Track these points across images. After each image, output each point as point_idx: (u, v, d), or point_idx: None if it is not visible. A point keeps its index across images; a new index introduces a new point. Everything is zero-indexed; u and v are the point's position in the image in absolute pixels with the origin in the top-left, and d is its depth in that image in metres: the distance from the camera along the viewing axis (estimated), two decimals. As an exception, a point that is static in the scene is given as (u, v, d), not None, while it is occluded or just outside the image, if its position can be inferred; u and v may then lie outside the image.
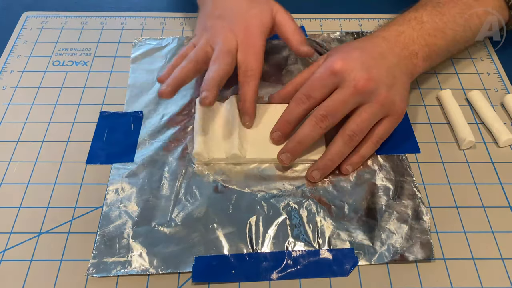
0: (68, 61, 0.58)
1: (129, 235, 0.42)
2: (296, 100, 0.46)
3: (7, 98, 0.53)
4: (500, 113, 0.53)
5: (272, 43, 0.59)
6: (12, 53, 0.58)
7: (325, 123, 0.44)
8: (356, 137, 0.45)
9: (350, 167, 0.47)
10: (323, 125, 0.45)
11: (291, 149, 0.46)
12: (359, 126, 0.45)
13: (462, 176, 0.48)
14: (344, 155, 0.46)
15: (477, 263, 0.42)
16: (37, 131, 0.50)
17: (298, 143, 0.45)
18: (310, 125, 0.45)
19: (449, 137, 0.51)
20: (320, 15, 0.64)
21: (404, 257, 0.41)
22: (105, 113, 0.52)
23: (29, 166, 0.47)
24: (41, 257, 0.42)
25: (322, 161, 0.46)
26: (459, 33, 0.52)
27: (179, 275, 0.41)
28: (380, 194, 0.46)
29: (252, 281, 0.40)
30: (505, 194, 0.47)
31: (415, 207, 0.45)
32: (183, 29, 0.62)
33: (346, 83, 0.44)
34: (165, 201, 0.45)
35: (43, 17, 0.63)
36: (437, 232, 0.44)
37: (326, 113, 0.44)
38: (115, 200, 0.45)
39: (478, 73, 0.58)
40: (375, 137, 0.46)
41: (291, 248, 0.42)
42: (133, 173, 0.47)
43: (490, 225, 0.44)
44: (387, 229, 0.43)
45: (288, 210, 0.44)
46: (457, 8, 0.52)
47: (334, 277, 0.41)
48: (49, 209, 0.44)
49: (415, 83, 0.56)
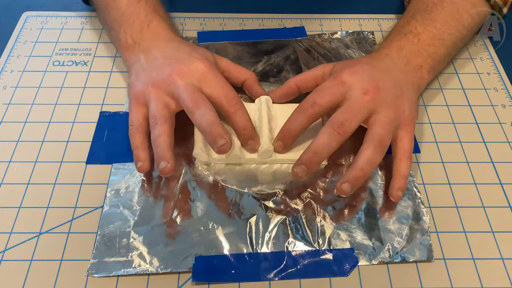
0: (68, 61, 0.58)
1: (129, 235, 0.42)
2: (299, 108, 0.45)
3: (7, 98, 0.53)
4: (502, 113, 0.53)
5: (272, 43, 0.59)
6: (12, 53, 0.58)
7: (343, 129, 0.42)
8: (384, 142, 0.43)
9: (400, 191, 0.44)
10: (342, 132, 0.42)
11: (308, 161, 0.42)
12: (383, 129, 0.43)
13: (462, 176, 0.48)
14: (376, 163, 0.43)
15: (477, 263, 0.42)
16: (37, 131, 0.50)
17: (314, 153, 0.42)
18: (327, 133, 0.42)
19: (449, 137, 0.51)
20: (320, 15, 0.64)
21: (404, 258, 0.41)
22: (105, 113, 0.52)
23: (29, 166, 0.47)
24: (41, 257, 0.42)
25: (353, 172, 0.42)
26: (456, 35, 0.52)
27: (179, 275, 0.41)
28: (380, 194, 0.46)
29: (252, 281, 0.40)
30: (505, 194, 0.47)
31: (415, 207, 0.45)
32: (183, 29, 0.62)
33: (355, 92, 0.44)
34: (165, 201, 0.45)
35: (43, 17, 0.63)
36: (437, 232, 0.44)
37: (343, 119, 0.42)
38: (115, 200, 0.45)
39: (478, 73, 0.58)
40: (405, 152, 0.44)
41: (291, 248, 0.42)
42: (133, 173, 0.47)
43: (490, 225, 0.44)
44: (387, 229, 0.43)
45: (288, 210, 0.44)
46: (445, 11, 0.52)
47: (334, 277, 0.41)
48: (49, 209, 0.44)
49: (415, 83, 0.56)
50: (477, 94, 0.55)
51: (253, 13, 0.64)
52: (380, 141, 0.43)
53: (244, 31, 0.61)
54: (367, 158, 0.42)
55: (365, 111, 0.43)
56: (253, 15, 0.64)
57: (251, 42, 0.59)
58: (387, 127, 0.44)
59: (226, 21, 0.63)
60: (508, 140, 0.51)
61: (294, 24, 0.63)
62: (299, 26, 0.62)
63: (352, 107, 0.43)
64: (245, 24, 0.63)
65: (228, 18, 0.63)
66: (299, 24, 0.62)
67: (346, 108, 0.43)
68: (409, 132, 0.45)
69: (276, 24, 0.63)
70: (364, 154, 0.42)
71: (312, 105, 0.44)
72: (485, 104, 0.54)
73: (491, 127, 0.52)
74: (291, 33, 0.61)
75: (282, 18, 0.63)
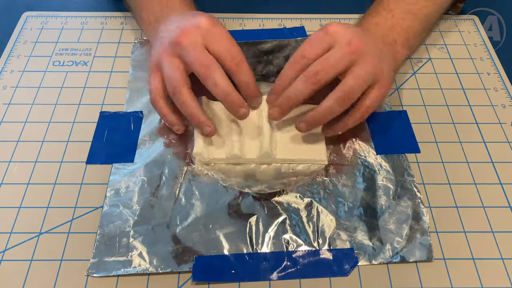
0: (68, 61, 0.58)
1: (129, 234, 0.42)
2: (289, 63, 0.45)
3: (7, 98, 0.53)
4: (502, 113, 0.53)
5: (271, 43, 0.59)
6: (12, 53, 0.58)
7: (316, 78, 0.43)
8: (351, 95, 0.44)
9: (330, 130, 0.47)
10: (315, 81, 0.43)
11: (280, 104, 0.45)
12: (356, 82, 0.44)
13: (462, 176, 0.48)
14: (334, 113, 0.45)
15: (477, 263, 0.42)
16: (37, 131, 0.50)
17: (287, 98, 0.44)
18: (301, 81, 0.44)
19: (449, 137, 0.51)
20: (320, 15, 0.64)
21: (404, 258, 0.42)
22: (105, 113, 0.52)
23: (29, 166, 0.47)
24: (41, 257, 0.42)
25: (313, 114, 0.45)
26: (428, 9, 0.55)
27: (179, 274, 0.41)
28: (380, 194, 0.46)
29: (252, 281, 0.40)
30: (505, 194, 0.47)
31: (415, 208, 0.45)
32: (183, 29, 0.62)
33: (339, 43, 0.44)
34: (165, 201, 0.45)
35: (43, 17, 0.63)
36: (437, 232, 0.44)
37: (318, 69, 0.43)
38: (115, 200, 0.45)
39: (478, 73, 0.58)
40: (363, 107, 0.46)
41: (291, 248, 0.42)
42: (133, 173, 0.47)
43: (490, 225, 0.44)
44: (387, 229, 0.43)
45: (288, 210, 0.44)
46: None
47: (334, 277, 0.41)
48: (49, 209, 0.44)
49: (416, 83, 0.56)
50: (477, 94, 0.55)
51: (253, 13, 0.64)
52: (349, 93, 0.44)
53: (244, 31, 0.62)
54: (328, 106, 0.44)
55: (344, 62, 0.44)
56: (253, 15, 0.64)
57: (251, 42, 0.59)
58: (361, 80, 0.44)
59: (226, 21, 0.63)
60: (508, 140, 0.51)
61: (294, 24, 0.63)
62: (299, 26, 0.62)
63: (331, 57, 0.44)
64: (245, 24, 0.63)
65: (228, 18, 0.63)
66: (299, 24, 0.62)
67: (325, 58, 0.44)
68: (381, 91, 0.46)
69: (276, 24, 0.63)
70: (327, 102, 0.44)
71: (301, 58, 0.45)
72: (485, 104, 0.54)
73: (491, 127, 0.52)
74: (291, 33, 0.61)
75: (282, 18, 0.63)
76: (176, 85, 0.44)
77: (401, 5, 0.53)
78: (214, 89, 0.44)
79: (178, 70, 0.45)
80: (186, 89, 0.44)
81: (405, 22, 0.52)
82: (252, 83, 0.46)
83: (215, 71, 0.43)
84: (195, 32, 0.45)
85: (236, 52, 0.45)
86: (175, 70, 0.45)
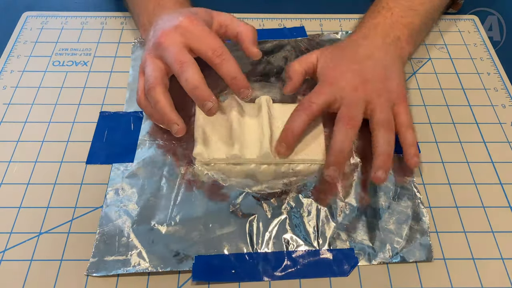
0: (68, 61, 0.58)
1: (128, 233, 0.42)
2: (298, 108, 0.46)
3: (7, 98, 0.53)
4: (502, 113, 0.53)
5: (271, 43, 0.59)
6: (12, 53, 0.58)
7: (352, 123, 0.45)
8: (390, 122, 0.46)
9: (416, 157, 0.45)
10: (352, 125, 0.45)
11: (335, 161, 0.44)
12: (383, 112, 0.46)
13: (462, 176, 0.48)
14: (393, 142, 0.45)
15: (477, 263, 0.42)
16: (37, 131, 0.50)
17: (339, 152, 0.44)
18: (341, 130, 0.44)
19: (449, 137, 0.51)
20: (320, 15, 0.64)
21: (404, 258, 0.41)
22: (105, 113, 0.52)
23: (29, 166, 0.47)
24: (41, 257, 0.42)
25: (379, 158, 0.44)
26: (428, 5, 0.55)
27: (179, 274, 0.41)
28: (380, 194, 0.46)
29: (252, 281, 0.40)
30: (505, 194, 0.47)
31: (414, 208, 0.45)
32: (183, 29, 0.62)
33: (346, 91, 0.46)
34: (165, 201, 0.45)
35: (43, 17, 0.63)
36: (437, 232, 0.44)
37: (349, 114, 0.45)
38: (115, 200, 0.45)
39: (478, 73, 0.58)
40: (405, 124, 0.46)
41: (291, 248, 0.42)
42: (133, 173, 0.47)
43: (490, 225, 0.44)
44: (387, 229, 0.43)
45: (288, 210, 0.44)
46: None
47: (334, 277, 0.41)
48: (49, 209, 0.44)
49: (416, 83, 0.56)
50: (477, 94, 0.55)
51: (253, 13, 0.64)
52: (387, 122, 0.45)
53: (244, 31, 0.61)
54: (384, 140, 0.44)
55: (361, 103, 0.46)
56: (253, 15, 0.64)
57: (251, 42, 0.59)
58: (385, 109, 0.46)
59: (226, 21, 0.63)
60: (508, 140, 0.51)
61: (294, 24, 0.63)
62: (299, 26, 0.62)
63: (350, 103, 0.46)
64: (245, 24, 0.63)
65: (228, 18, 0.63)
66: (299, 24, 0.62)
67: (346, 105, 0.46)
68: (404, 106, 0.47)
69: (276, 24, 0.63)
70: (379, 138, 0.45)
71: (310, 104, 0.46)
72: (485, 104, 0.54)
73: (491, 127, 0.52)
74: (291, 33, 0.61)
75: (282, 18, 0.63)
76: (151, 83, 0.44)
77: (400, 2, 0.53)
78: (185, 85, 0.44)
79: (157, 70, 0.45)
80: (160, 88, 0.44)
81: (405, 19, 0.52)
82: (237, 75, 0.45)
83: (188, 67, 0.43)
84: (175, 33, 0.45)
85: (217, 45, 0.45)
86: (154, 70, 0.45)
